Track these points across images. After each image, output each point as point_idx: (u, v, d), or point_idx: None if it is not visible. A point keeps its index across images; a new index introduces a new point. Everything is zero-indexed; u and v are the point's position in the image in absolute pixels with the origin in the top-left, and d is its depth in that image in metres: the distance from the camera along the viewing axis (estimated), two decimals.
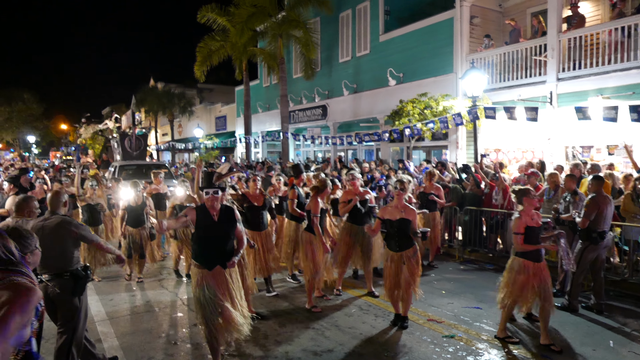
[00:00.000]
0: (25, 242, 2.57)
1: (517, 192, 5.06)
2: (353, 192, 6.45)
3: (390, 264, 5.24)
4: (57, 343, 3.94)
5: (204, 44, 21.20)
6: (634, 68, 9.44)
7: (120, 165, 15.31)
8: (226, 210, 4.27)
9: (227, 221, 4.22)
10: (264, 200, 6.37)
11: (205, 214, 4.16)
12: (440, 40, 13.80)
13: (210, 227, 4.14)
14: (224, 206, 4.28)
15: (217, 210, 4.18)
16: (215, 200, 4.13)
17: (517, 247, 4.89)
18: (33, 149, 55.72)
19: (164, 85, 36.74)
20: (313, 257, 5.86)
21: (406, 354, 4.70)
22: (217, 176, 4.18)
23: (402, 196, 5.24)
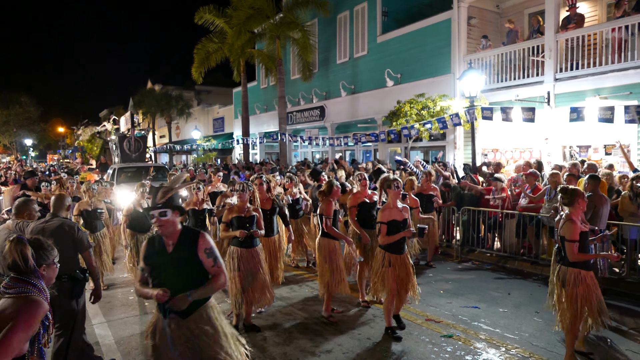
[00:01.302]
0: (43, 254, 2.58)
1: (569, 192, 4.34)
2: (363, 194, 6.05)
3: (391, 267, 4.94)
4: (54, 346, 3.94)
5: (202, 46, 21.22)
6: (632, 68, 9.48)
7: (119, 168, 15.19)
8: (186, 236, 3.10)
9: (185, 252, 3.05)
10: (273, 204, 5.97)
11: (157, 245, 3.12)
12: (437, 41, 13.84)
13: (162, 262, 3.07)
14: (186, 230, 3.16)
15: (174, 237, 3.09)
16: (164, 225, 3.04)
17: (571, 256, 4.23)
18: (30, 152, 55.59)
19: (161, 88, 36.75)
20: (331, 263, 5.51)
21: (404, 353, 4.71)
22: (162, 192, 3.12)
23: (399, 195, 5.05)
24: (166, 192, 3.13)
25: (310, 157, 21.79)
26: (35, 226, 4.12)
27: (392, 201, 4.99)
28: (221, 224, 5.27)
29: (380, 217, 4.95)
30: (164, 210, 3.03)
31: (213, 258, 3.07)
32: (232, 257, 5.13)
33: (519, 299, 6.43)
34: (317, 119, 19.20)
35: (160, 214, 3.03)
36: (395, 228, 4.88)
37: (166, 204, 3.06)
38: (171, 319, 3.02)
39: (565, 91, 10.67)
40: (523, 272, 7.81)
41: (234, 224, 5.16)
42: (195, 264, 3.04)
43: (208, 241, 3.09)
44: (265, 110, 23.52)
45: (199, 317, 3.06)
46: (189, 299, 2.89)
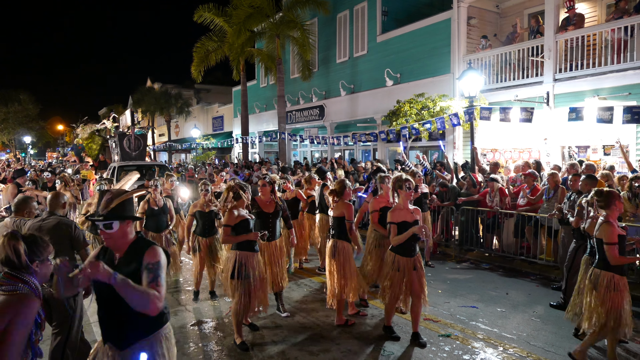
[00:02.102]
0: (37, 250, 2.57)
1: (605, 194, 4.25)
2: (385, 198, 5.82)
3: (398, 271, 4.77)
4: (51, 344, 3.93)
5: (201, 45, 21.21)
6: (631, 69, 9.49)
7: (119, 166, 15.07)
8: (135, 248, 2.64)
9: (130, 266, 2.57)
10: (276, 206, 5.58)
11: (106, 256, 2.70)
12: (437, 40, 13.84)
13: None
14: (137, 242, 2.68)
15: (122, 249, 2.65)
16: (110, 238, 2.61)
17: (612, 260, 4.14)
18: (29, 150, 55.51)
19: (160, 86, 36.71)
20: (344, 269, 5.27)
21: (402, 353, 4.71)
22: (107, 200, 2.64)
23: (410, 196, 4.84)
24: (111, 200, 2.62)
25: (310, 156, 21.79)
26: (32, 224, 4.12)
27: (403, 202, 4.81)
28: (224, 227, 4.81)
29: (390, 217, 4.78)
30: (109, 222, 2.56)
31: (153, 275, 2.51)
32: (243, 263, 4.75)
33: (517, 298, 6.44)
34: (317, 118, 19.20)
35: (105, 226, 2.57)
36: (405, 230, 4.72)
37: (111, 215, 2.59)
38: (109, 348, 2.60)
39: (564, 91, 10.68)
40: (521, 272, 7.82)
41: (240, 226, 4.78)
42: (138, 281, 2.50)
43: (154, 256, 2.58)
44: (264, 109, 23.52)
45: (139, 351, 2.58)
46: (113, 276, 2.30)
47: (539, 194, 7.79)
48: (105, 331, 2.64)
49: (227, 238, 4.77)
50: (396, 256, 4.81)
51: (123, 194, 2.70)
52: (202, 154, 28.72)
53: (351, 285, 5.25)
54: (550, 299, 6.28)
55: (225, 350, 4.82)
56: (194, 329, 5.43)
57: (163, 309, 2.63)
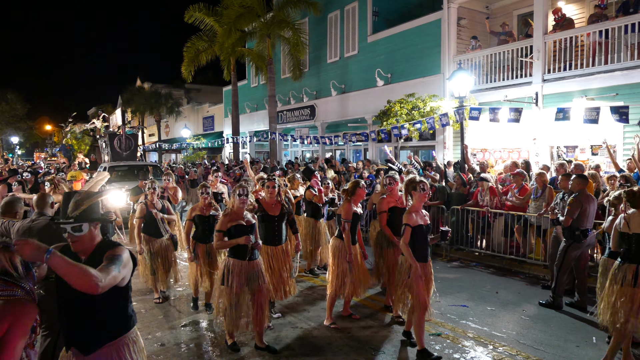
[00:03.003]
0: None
1: (637, 194, 4.23)
2: (394, 198, 5.65)
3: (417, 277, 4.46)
4: (41, 346, 3.89)
5: (191, 44, 21.12)
6: (618, 70, 9.61)
7: (109, 166, 14.65)
8: (102, 249, 2.56)
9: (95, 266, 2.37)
10: (282, 209, 5.29)
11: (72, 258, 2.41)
12: (428, 41, 13.91)
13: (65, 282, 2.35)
14: (103, 244, 2.61)
15: (88, 252, 2.57)
16: (77, 241, 2.53)
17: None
18: (17, 150, 54.85)
19: (150, 86, 36.50)
20: (343, 267, 5.20)
21: (393, 351, 4.73)
22: (75, 202, 2.55)
23: (425, 198, 4.67)
24: (81, 202, 2.53)
25: (301, 156, 21.79)
26: (21, 225, 4.08)
27: (417, 204, 4.61)
28: (216, 232, 4.62)
29: (405, 219, 4.53)
30: (78, 225, 2.49)
31: (107, 262, 2.41)
32: (230, 271, 4.55)
33: (507, 297, 6.49)
34: (308, 118, 19.20)
35: (74, 229, 2.48)
36: (420, 233, 4.52)
37: (81, 217, 2.51)
38: (73, 354, 2.49)
39: (553, 92, 10.79)
40: (511, 270, 7.89)
41: (232, 232, 4.57)
42: (110, 290, 2.38)
43: (116, 250, 2.51)
44: (255, 109, 23.47)
45: (105, 356, 2.50)
46: (47, 251, 2.10)
47: (527, 194, 7.86)
48: (69, 336, 2.54)
49: (217, 243, 4.62)
50: (408, 261, 4.52)
51: (93, 195, 2.60)
52: (192, 154, 28.58)
53: (346, 285, 5.18)
54: (539, 298, 6.34)
55: (217, 351, 4.81)
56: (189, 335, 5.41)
57: (131, 312, 2.64)
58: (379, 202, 5.73)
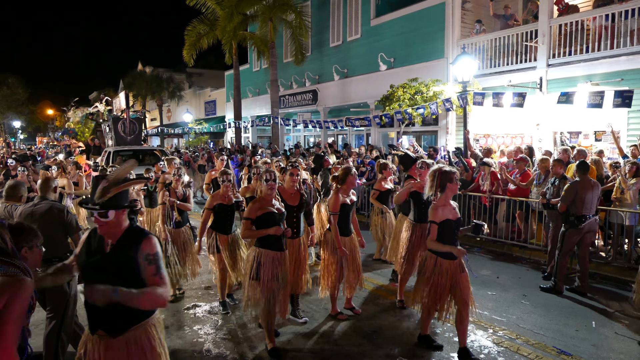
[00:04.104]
0: (24, 237, 2.59)
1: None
2: (421, 185, 5.29)
3: (441, 276, 4.15)
4: (46, 329, 3.95)
5: (192, 28, 20.92)
6: (623, 55, 9.50)
7: (114, 151, 14.39)
8: (130, 237, 2.60)
9: (123, 255, 2.53)
10: (301, 198, 4.91)
11: (96, 241, 2.65)
12: (431, 25, 13.75)
13: (95, 262, 2.59)
14: (132, 231, 2.63)
15: (115, 237, 2.60)
16: (103, 226, 2.56)
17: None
18: (19, 135, 54.88)
19: (152, 70, 36.30)
20: (336, 261, 4.99)
21: (392, 333, 4.78)
22: (102, 188, 2.54)
23: (456, 191, 4.29)
24: (107, 189, 2.53)
25: (303, 141, 21.75)
26: (24, 209, 4.10)
27: (447, 197, 4.16)
28: (244, 220, 4.30)
29: (431, 215, 4.12)
30: (104, 212, 2.52)
31: (155, 267, 2.54)
32: (262, 263, 4.24)
33: (507, 282, 6.53)
34: (310, 102, 19.11)
35: (101, 214, 2.52)
36: (448, 229, 4.11)
37: (107, 205, 2.52)
38: (99, 337, 2.56)
39: (557, 77, 10.69)
40: (512, 256, 7.92)
41: (262, 221, 4.24)
42: (133, 271, 2.52)
43: (152, 246, 2.57)
44: (257, 94, 23.36)
45: (134, 338, 2.57)
46: (113, 294, 2.32)
47: (530, 180, 7.85)
48: (95, 320, 2.58)
49: (246, 232, 4.28)
50: (438, 259, 4.17)
51: (121, 182, 2.59)
52: (194, 139, 28.55)
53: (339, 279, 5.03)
54: (540, 283, 6.38)
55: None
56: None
57: None
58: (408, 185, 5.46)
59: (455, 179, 4.16)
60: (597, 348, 4.50)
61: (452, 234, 4.14)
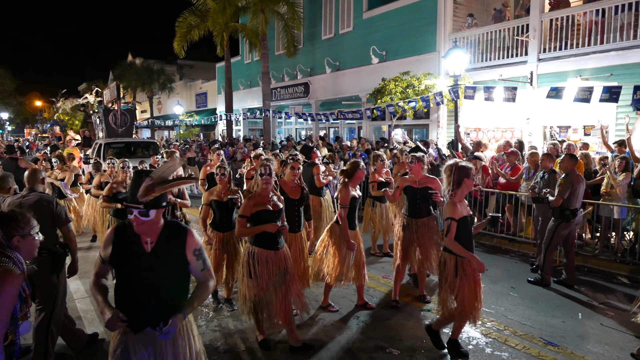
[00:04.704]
0: (16, 225, 2.53)
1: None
2: (414, 179, 5.29)
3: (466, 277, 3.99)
4: (35, 320, 3.92)
5: (184, 19, 20.75)
6: (613, 50, 9.58)
7: (105, 143, 14.14)
8: (171, 233, 2.55)
9: (169, 252, 2.51)
10: (302, 192, 4.83)
11: (130, 239, 2.51)
12: (423, 18, 13.75)
13: (136, 264, 2.48)
14: (170, 225, 2.57)
15: (154, 234, 2.50)
16: (143, 224, 2.45)
17: None
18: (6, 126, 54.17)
19: (142, 61, 35.97)
20: (340, 254, 4.91)
21: (384, 327, 4.82)
22: (146, 187, 2.42)
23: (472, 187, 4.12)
24: (152, 188, 2.41)
25: (295, 134, 21.71)
26: (12, 201, 4.06)
27: (462, 193, 3.97)
28: (239, 217, 4.15)
29: (450, 212, 3.92)
30: (145, 211, 2.41)
31: (202, 260, 2.58)
32: (257, 262, 4.09)
33: (496, 274, 6.60)
34: (302, 95, 19.06)
35: (141, 213, 2.41)
36: (465, 227, 3.94)
37: (150, 204, 2.42)
38: (147, 334, 2.50)
39: (547, 72, 10.77)
40: (501, 248, 8.00)
41: (257, 218, 4.09)
42: (181, 269, 2.54)
43: (197, 240, 2.58)
44: (249, 86, 23.25)
45: (179, 329, 2.58)
46: (185, 318, 2.46)
47: (519, 174, 7.92)
48: (141, 320, 2.47)
49: (240, 230, 4.13)
50: (457, 259, 3.99)
51: (166, 183, 2.47)
52: (185, 131, 28.37)
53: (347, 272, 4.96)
54: (528, 275, 6.46)
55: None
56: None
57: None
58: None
59: (472, 174, 4.01)
60: (583, 339, 4.58)
61: (469, 232, 4.01)
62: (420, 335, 4.59)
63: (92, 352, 4.32)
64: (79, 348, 4.27)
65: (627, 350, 4.35)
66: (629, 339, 4.58)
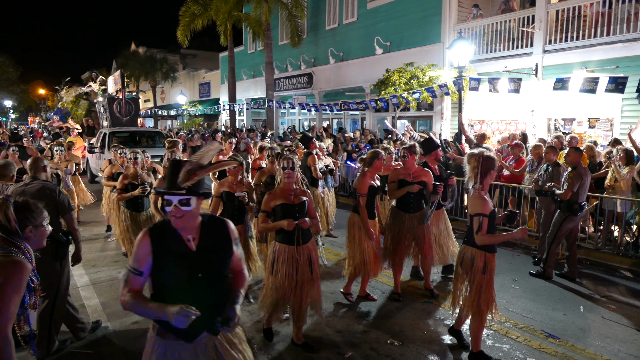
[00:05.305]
0: (30, 215, 2.54)
1: None
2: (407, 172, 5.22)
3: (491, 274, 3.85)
4: (39, 308, 3.95)
5: (187, 8, 20.66)
6: (619, 42, 9.49)
7: (110, 132, 13.91)
8: (211, 226, 2.36)
9: (215, 247, 2.33)
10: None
11: (172, 240, 2.25)
12: (428, 9, 13.63)
13: (182, 262, 2.24)
14: (207, 219, 2.37)
15: (195, 230, 2.29)
16: (184, 216, 2.20)
17: None
18: (10, 114, 54.23)
19: (145, 50, 35.86)
20: (360, 244, 4.88)
21: (386, 318, 4.84)
22: (186, 171, 2.20)
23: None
24: (191, 173, 2.18)
25: (298, 124, 21.66)
26: (15, 189, 4.06)
27: (486, 186, 3.78)
28: (260, 212, 4.06)
29: (480, 207, 3.67)
30: (186, 198, 2.16)
31: (239, 248, 2.49)
32: (276, 258, 4.00)
33: (498, 267, 6.46)
34: (305, 86, 18.99)
35: (182, 202, 2.16)
36: (493, 220, 3.72)
37: (192, 190, 2.18)
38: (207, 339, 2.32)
39: (553, 63, 10.68)
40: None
41: (278, 213, 3.96)
42: (227, 262, 2.38)
43: (234, 229, 2.46)
44: (252, 76, 23.16)
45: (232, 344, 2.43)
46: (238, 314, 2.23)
47: (523, 167, 7.89)
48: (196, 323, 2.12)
49: (260, 225, 4.05)
50: (486, 255, 3.77)
51: (205, 167, 2.26)
52: (188, 121, 28.35)
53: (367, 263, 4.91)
54: (530, 268, 6.46)
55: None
56: None
57: None
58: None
59: (497, 165, 3.78)
60: (584, 332, 4.58)
61: (495, 225, 3.78)
62: (422, 327, 4.61)
63: (94, 340, 4.35)
64: (82, 335, 4.31)
65: (628, 343, 4.36)
66: (630, 332, 4.58)
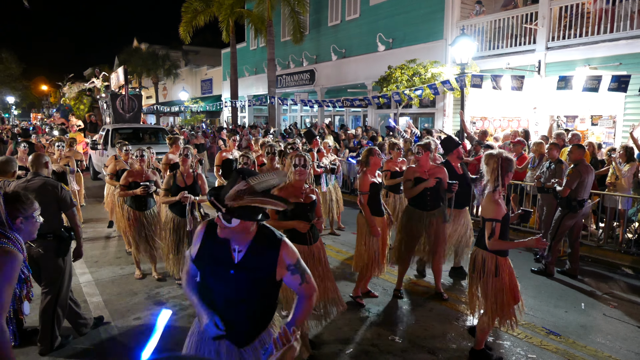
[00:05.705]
0: (20, 207, 2.57)
1: None
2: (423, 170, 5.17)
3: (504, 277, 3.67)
4: (41, 303, 3.97)
5: (189, 4, 20.63)
6: (622, 39, 9.44)
7: (113, 129, 13.78)
8: (264, 243, 2.22)
9: (259, 267, 2.20)
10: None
11: (218, 242, 2.21)
12: (431, 5, 13.59)
13: (222, 272, 2.20)
14: (263, 234, 2.24)
15: (243, 242, 2.20)
16: (226, 229, 2.14)
17: None
18: (12, 111, 54.32)
19: (148, 46, 35.83)
20: (368, 244, 4.87)
21: (389, 316, 4.85)
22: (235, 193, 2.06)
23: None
24: (240, 195, 2.06)
25: (300, 121, 21.65)
26: (17, 185, 4.07)
27: (503, 189, 3.61)
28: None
29: (493, 212, 3.50)
30: (229, 217, 2.10)
31: (300, 274, 2.24)
32: None
33: None
34: (307, 82, 18.97)
35: (224, 217, 2.11)
36: (506, 224, 3.60)
37: (233, 211, 2.08)
38: (219, 344, 2.25)
39: (556, 60, 10.64)
40: None
41: (289, 212, 3.74)
42: (271, 284, 2.23)
43: (292, 252, 2.24)
44: (254, 73, 23.15)
45: (260, 342, 2.29)
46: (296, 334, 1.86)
47: (525, 164, 7.88)
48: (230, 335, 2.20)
49: (271, 223, 3.68)
50: (498, 258, 3.64)
51: (257, 195, 2.09)
52: (190, 118, 28.36)
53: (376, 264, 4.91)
54: (531, 265, 6.45)
55: None
56: None
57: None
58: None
59: (514, 166, 3.70)
60: (586, 329, 4.59)
61: (507, 229, 3.66)
62: (423, 324, 4.62)
63: (97, 335, 4.37)
64: (85, 331, 4.33)
65: (629, 340, 4.36)
66: (631, 329, 4.58)
